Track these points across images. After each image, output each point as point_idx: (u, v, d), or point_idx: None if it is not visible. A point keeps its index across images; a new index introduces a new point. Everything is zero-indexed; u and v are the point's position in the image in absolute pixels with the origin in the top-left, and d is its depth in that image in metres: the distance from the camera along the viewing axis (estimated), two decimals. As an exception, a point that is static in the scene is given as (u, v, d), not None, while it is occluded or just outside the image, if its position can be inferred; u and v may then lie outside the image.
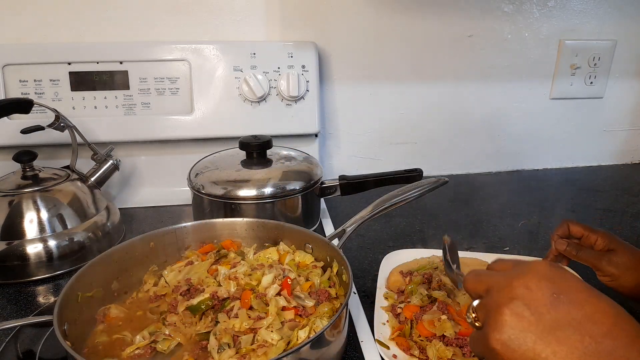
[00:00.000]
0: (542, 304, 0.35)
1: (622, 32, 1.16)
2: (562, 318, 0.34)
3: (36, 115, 0.86)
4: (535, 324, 0.35)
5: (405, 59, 1.08)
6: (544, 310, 0.35)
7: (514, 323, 0.35)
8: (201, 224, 0.71)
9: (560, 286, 0.36)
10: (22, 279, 0.73)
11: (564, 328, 0.34)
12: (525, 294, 0.36)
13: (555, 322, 0.34)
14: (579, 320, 0.34)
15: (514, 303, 0.36)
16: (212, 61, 0.95)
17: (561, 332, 0.34)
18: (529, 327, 0.35)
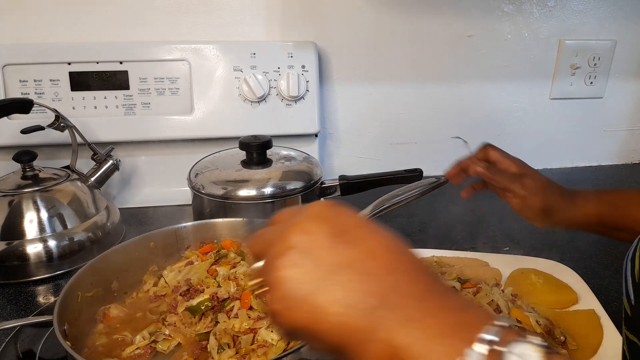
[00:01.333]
0: (321, 247, 0.31)
1: (622, 32, 1.16)
2: (342, 259, 0.30)
3: (36, 115, 0.86)
4: (314, 271, 0.30)
5: (405, 59, 1.08)
6: (324, 254, 0.30)
7: (291, 275, 0.30)
8: (201, 224, 0.71)
9: (338, 225, 0.32)
10: (22, 279, 0.73)
11: (343, 270, 0.30)
12: (302, 241, 0.31)
13: (335, 265, 0.30)
14: (360, 258, 0.30)
15: (291, 252, 0.31)
16: (212, 61, 0.95)
17: (341, 276, 0.30)
18: (308, 276, 0.30)
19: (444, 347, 0.26)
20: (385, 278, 0.30)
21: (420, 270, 0.31)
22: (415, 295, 0.29)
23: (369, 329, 0.28)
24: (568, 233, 0.89)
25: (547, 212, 0.67)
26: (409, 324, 0.27)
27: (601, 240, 0.86)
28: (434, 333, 0.27)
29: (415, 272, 0.30)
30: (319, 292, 0.30)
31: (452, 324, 0.27)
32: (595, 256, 0.81)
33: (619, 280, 0.74)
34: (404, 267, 0.31)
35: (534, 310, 0.61)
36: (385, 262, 0.30)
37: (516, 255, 0.76)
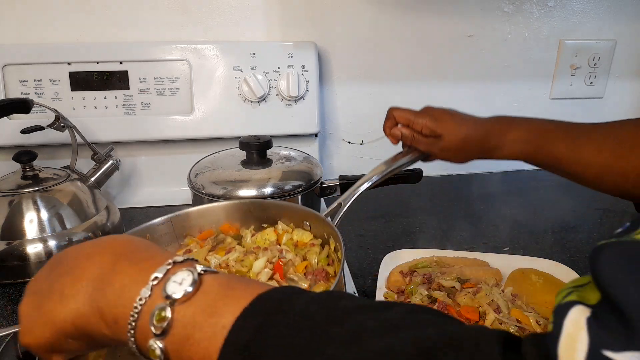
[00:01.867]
0: (40, 282, 0.38)
1: (622, 32, 1.16)
2: (56, 274, 0.37)
3: (36, 115, 0.86)
4: (38, 302, 0.37)
5: (405, 59, 1.08)
6: (42, 285, 0.37)
7: (24, 312, 0.37)
8: (196, 210, 0.68)
9: (57, 260, 0.39)
10: (22, 279, 0.72)
11: (61, 276, 0.37)
12: (31, 285, 0.39)
13: (52, 280, 0.37)
14: (67, 271, 0.37)
15: (23, 298, 0.38)
16: (212, 61, 0.95)
17: (62, 278, 0.36)
18: (34, 311, 0.37)
19: (132, 293, 0.33)
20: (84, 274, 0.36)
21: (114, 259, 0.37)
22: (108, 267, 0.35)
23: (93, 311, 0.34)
24: (568, 233, 0.90)
25: (474, 158, 0.70)
26: (105, 286, 0.34)
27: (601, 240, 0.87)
28: (123, 284, 0.34)
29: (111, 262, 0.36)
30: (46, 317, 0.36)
31: (136, 272, 0.34)
32: (595, 256, 0.81)
33: (619, 280, 0.74)
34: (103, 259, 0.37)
35: (534, 310, 0.61)
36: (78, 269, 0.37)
37: (516, 255, 0.76)
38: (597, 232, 0.90)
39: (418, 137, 0.71)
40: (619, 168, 0.60)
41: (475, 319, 0.57)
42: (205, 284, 0.32)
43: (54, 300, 0.35)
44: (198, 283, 0.32)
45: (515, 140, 0.67)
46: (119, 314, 0.33)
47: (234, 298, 0.31)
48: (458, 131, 0.69)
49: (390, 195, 1.02)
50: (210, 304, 0.31)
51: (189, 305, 0.31)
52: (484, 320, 0.57)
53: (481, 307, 0.59)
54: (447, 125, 0.69)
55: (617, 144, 0.61)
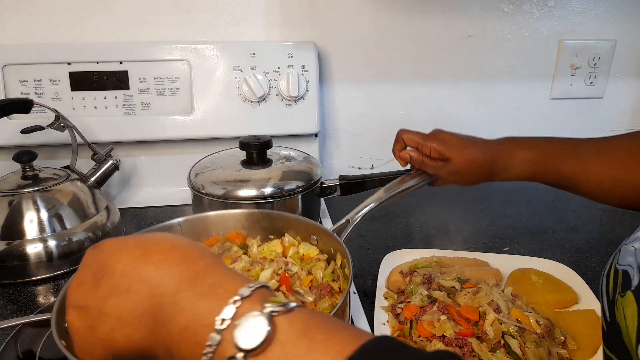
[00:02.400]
0: (87, 295, 0.35)
1: (622, 32, 1.16)
2: (106, 292, 0.34)
3: (36, 115, 0.86)
4: (91, 322, 0.34)
5: (405, 59, 1.08)
6: (90, 301, 0.34)
7: (76, 328, 0.35)
8: (206, 217, 0.69)
9: (101, 267, 0.35)
10: (21, 279, 0.73)
11: (112, 297, 0.33)
12: (75, 294, 0.36)
13: (102, 298, 0.34)
14: (118, 292, 0.33)
15: (69, 307, 0.36)
16: (212, 61, 0.95)
17: (113, 299, 0.33)
18: (88, 331, 0.34)
19: (199, 336, 0.29)
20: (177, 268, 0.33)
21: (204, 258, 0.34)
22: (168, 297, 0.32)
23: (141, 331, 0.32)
24: (568, 233, 0.90)
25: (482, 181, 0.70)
26: (167, 322, 0.31)
27: (601, 241, 0.87)
28: (187, 323, 0.30)
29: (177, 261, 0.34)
30: (101, 324, 0.34)
31: (201, 307, 0.31)
32: (595, 256, 0.81)
33: (619, 280, 0.74)
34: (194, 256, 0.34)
35: (534, 310, 0.61)
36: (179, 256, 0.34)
37: (516, 255, 0.76)
38: (597, 232, 0.90)
39: (426, 161, 0.71)
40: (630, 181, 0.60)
41: (475, 318, 0.57)
42: (280, 332, 0.29)
43: (111, 326, 0.33)
44: (272, 331, 0.28)
45: (524, 161, 0.67)
46: (186, 354, 0.30)
47: (318, 352, 0.28)
48: (466, 154, 0.69)
49: (390, 195, 1.01)
50: (288, 357, 0.28)
51: (265, 358, 0.28)
52: (484, 320, 0.57)
53: (481, 307, 0.59)
54: (455, 149, 0.69)
55: (626, 157, 0.61)
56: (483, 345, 0.54)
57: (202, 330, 0.29)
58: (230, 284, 0.32)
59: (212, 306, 0.30)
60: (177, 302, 0.31)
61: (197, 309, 0.30)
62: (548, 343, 0.55)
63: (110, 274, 0.34)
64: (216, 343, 0.29)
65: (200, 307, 0.30)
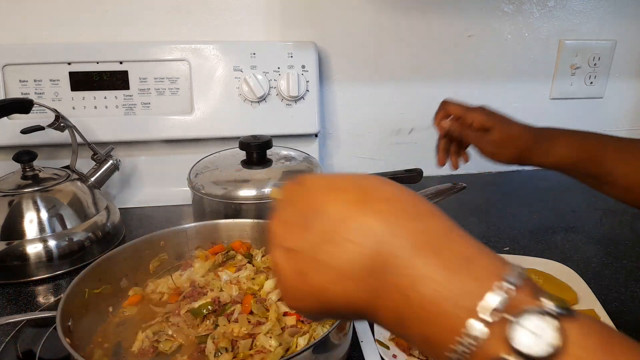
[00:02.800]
0: (297, 236, 0.30)
1: (622, 32, 1.16)
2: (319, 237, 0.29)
3: (36, 115, 0.86)
4: (301, 268, 0.29)
5: (405, 59, 1.08)
6: (302, 243, 0.30)
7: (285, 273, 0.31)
8: (211, 224, 0.70)
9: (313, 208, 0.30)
10: (21, 279, 0.73)
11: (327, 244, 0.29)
12: (279, 230, 0.31)
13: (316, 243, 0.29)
14: (335, 239, 0.28)
15: (275, 246, 0.31)
16: (212, 61, 0.95)
17: (328, 247, 0.28)
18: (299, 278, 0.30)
19: (452, 320, 0.25)
20: (410, 224, 0.28)
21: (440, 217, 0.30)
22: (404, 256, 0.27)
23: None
24: (568, 233, 0.90)
25: (518, 159, 0.69)
26: (406, 289, 0.27)
27: (601, 241, 0.87)
28: (434, 298, 0.26)
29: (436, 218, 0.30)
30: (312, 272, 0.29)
31: (451, 282, 0.26)
32: (595, 256, 0.81)
33: (619, 280, 0.74)
34: (426, 212, 0.30)
35: (534, 310, 0.61)
36: (409, 209, 0.29)
37: (516, 255, 0.76)
38: (597, 232, 0.90)
39: (466, 130, 0.72)
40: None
41: (475, 319, 0.57)
42: (572, 342, 0.23)
43: (325, 276, 0.28)
44: (563, 340, 0.23)
45: (568, 146, 0.66)
46: (428, 333, 0.26)
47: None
48: (509, 128, 0.69)
49: (390, 195, 1.01)
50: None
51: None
52: (484, 320, 0.57)
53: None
54: (498, 121, 0.70)
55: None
56: (483, 345, 0.54)
57: (456, 313, 0.25)
58: (488, 262, 0.27)
59: (470, 287, 0.25)
60: (415, 267, 0.26)
61: (448, 285, 0.25)
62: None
63: (323, 216, 0.29)
64: (483, 336, 0.24)
65: (451, 284, 0.25)
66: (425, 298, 0.26)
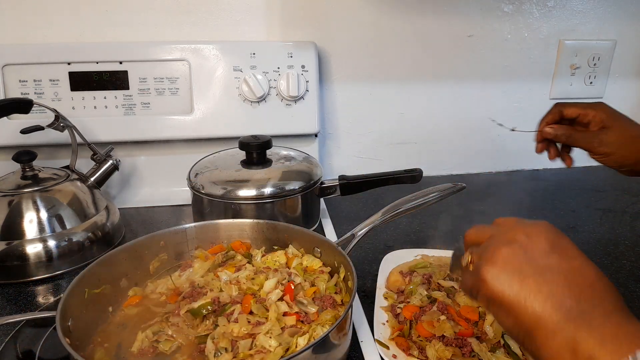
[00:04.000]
0: (538, 251, 0.38)
1: (622, 32, 1.16)
2: (553, 266, 0.37)
3: (36, 115, 0.86)
4: (527, 264, 0.38)
5: (405, 59, 1.08)
6: (537, 255, 0.38)
7: (508, 259, 0.38)
8: (211, 224, 0.70)
9: (556, 242, 0.39)
10: (21, 279, 0.73)
11: (553, 273, 0.37)
12: (524, 240, 0.39)
13: (546, 267, 0.37)
14: (567, 270, 0.37)
15: (513, 244, 0.39)
16: (211, 61, 0.95)
17: (550, 276, 0.37)
18: (521, 266, 0.38)
19: (612, 351, 0.32)
20: (585, 290, 0.36)
21: (614, 295, 0.37)
22: (605, 311, 0.35)
23: (559, 324, 0.34)
24: (568, 233, 0.89)
25: (632, 162, 0.64)
26: (593, 328, 0.33)
27: (601, 241, 0.87)
28: (606, 339, 0.33)
29: (609, 294, 0.37)
30: (528, 279, 0.37)
31: (630, 337, 0.33)
32: (595, 256, 0.81)
33: (619, 280, 0.74)
34: (601, 287, 0.37)
35: (534, 310, 0.61)
36: (588, 280, 0.37)
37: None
38: (597, 232, 0.90)
39: (575, 134, 0.67)
40: None
41: (475, 318, 0.57)
42: None
43: (536, 297, 0.36)
44: None
45: None
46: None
47: None
48: (630, 127, 0.65)
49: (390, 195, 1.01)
50: None
51: None
52: (483, 320, 0.57)
53: (481, 307, 0.59)
54: (619, 120, 0.65)
55: None
56: (483, 345, 0.54)
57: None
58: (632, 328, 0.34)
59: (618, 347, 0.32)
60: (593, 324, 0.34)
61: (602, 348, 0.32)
62: None
63: (565, 257, 0.38)
64: None
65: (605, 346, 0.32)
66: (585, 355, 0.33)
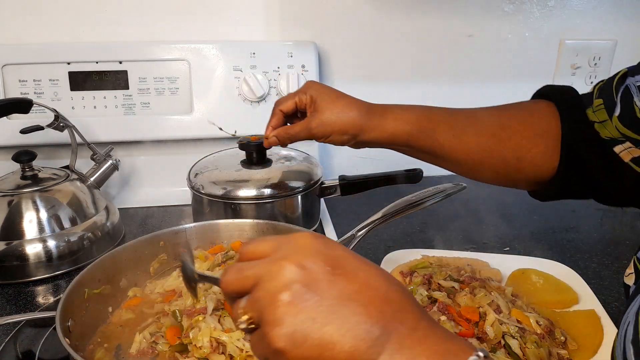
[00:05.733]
0: (321, 281, 0.31)
1: (623, 32, 1.15)
2: (343, 292, 0.31)
3: (35, 115, 0.85)
4: (319, 305, 0.31)
5: (405, 59, 1.08)
6: (324, 287, 0.31)
7: (294, 311, 0.30)
8: (211, 225, 0.70)
9: (331, 258, 0.33)
10: (21, 279, 0.72)
11: (346, 302, 0.31)
12: (301, 276, 0.31)
13: (337, 298, 0.31)
14: (358, 290, 0.32)
15: (291, 288, 0.31)
16: (211, 61, 0.95)
17: (345, 308, 0.31)
18: (312, 312, 0.30)
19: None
20: (383, 308, 0.32)
21: (410, 300, 0.33)
22: (409, 325, 0.32)
23: (373, 357, 0.30)
24: (568, 233, 0.90)
25: (351, 139, 0.66)
26: (404, 351, 0.31)
27: (601, 241, 0.87)
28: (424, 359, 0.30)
29: (406, 302, 0.33)
30: (327, 326, 0.30)
31: (441, 351, 0.31)
32: (595, 256, 0.81)
33: (619, 280, 0.74)
34: (397, 297, 0.33)
35: (535, 311, 0.61)
36: (381, 292, 0.32)
37: (516, 255, 0.76)
38: (597, 232, 0.90)
39: (293, 131, 0.67)
40: (499, 153, 0.60)
41: (476, 319, 0.57)
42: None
43: (343, 338, 0.30)
44: None
45: (398, 119, 0.63)
46: None
47: None
48: (340, 103, 0.64)
49: (390, 195, 1.01)
50: None
51: None
52: (484, 321, 0.57)
53: (481, 307, 0.59)
54: (328, 97, 0.65)
55: (497, 127, 0.61)
56: (483, 345, 0.54)
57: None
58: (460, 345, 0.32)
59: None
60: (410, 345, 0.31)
61: None
62: (548, 343, 0.55)
63: (351, 281, 0.32)
64: None
65: None
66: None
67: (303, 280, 0.31)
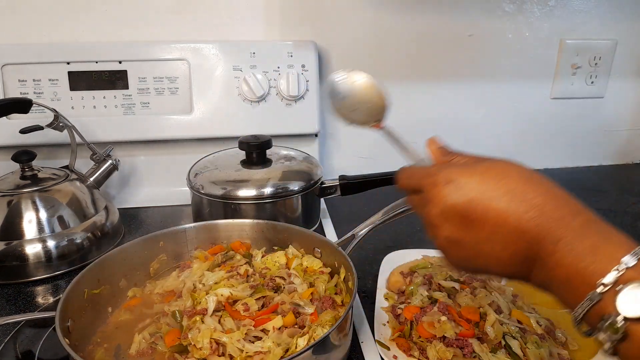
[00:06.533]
0: (460, 229, 0.39)
1: (623, 32, 1.15)
2: (482, 236, 0.39)
3: (35, 115, 0.85)
4: (464, 248, 0.40)
5: (405, 59, 1.08)
6: (465, 235, 0.39)
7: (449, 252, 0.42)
8: (210, 225, 0.70)
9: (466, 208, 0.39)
10: (20, 279, 0.72)
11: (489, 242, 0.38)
12: (442, 224, 0.41)
13: (479, 241, 0.39)
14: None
15: (440, 237, 0.42)
16: (211, 61, 0.95)
17: (490, 245, 0.38)
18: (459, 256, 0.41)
19: (576, 291, 0.35)
20: (569, 201, 0.39)
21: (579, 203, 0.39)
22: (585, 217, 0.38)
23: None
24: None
25: None
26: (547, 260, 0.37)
27: (602, 241, 0.86)
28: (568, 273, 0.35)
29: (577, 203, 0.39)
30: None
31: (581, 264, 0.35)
32: (596, 256, 0.80)
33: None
34: (570, 198, 0.39)
35: (535, 311, 0.61)
36: (541, 189, 0.38)
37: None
38: (598, 232, 0.90)
39: None
40: None
41: (476, 319, 0.57)
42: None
43: (487, 261, 0.39)
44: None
45: None
46: (563, 296, 0.36)
47: None
48: None
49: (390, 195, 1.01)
50: None
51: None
52: (484, 321, 0.57)
53: (482, 307, 0.59)
54: None
55: None
56: (484, 346, 0.54)
57: (582, 287, 0.34)
58: (612, 249, 0.34)
59: (594, 269, 0.34)
60: (557, 256, 0.36)
61: (579, 268, 0.34)
62: (549, 344, 0.55)
63: (483, 220, 0.38)
64: (595, 300, 0.33)
65: (581, 267, 0.34)
66: (562, 276, 0.36)
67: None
